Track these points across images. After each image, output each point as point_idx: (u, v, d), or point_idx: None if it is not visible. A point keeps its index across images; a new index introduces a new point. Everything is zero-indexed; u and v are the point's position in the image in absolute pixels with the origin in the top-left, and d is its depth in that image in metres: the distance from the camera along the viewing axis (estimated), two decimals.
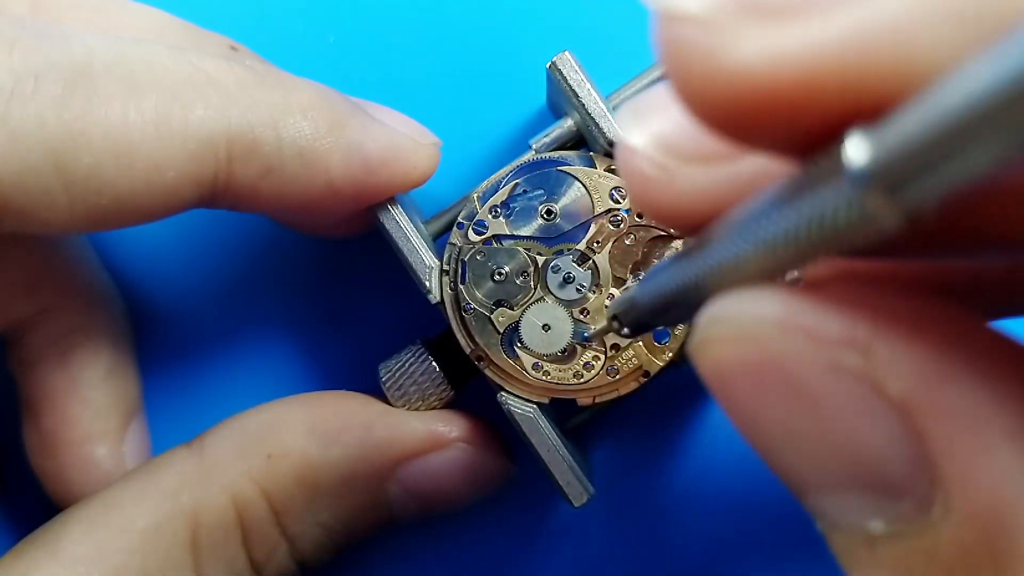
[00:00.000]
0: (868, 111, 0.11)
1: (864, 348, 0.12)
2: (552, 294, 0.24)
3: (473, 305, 0.24)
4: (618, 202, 0.24)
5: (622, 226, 0.24)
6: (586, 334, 0.24)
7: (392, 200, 0.24)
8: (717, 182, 0.15)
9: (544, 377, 0.24)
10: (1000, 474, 0.11)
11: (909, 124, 0.10)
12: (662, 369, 0.24)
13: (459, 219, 0.25)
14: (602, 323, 0.24)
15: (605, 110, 0.24)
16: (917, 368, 0.11)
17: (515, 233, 0.24)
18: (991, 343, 0.12)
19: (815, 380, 0.12)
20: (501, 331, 0.24)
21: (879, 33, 0.10)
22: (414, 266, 0.24)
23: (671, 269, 0.15)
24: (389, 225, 0.24)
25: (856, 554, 0.13)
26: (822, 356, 0.12)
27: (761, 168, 0.14)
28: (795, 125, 0.11)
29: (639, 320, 0.18)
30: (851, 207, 0.10)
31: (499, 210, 0.25)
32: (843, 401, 0.12)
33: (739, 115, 0.12)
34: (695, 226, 0.15)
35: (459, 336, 0.25)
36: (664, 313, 0.17)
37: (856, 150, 0.10)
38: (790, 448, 0.13)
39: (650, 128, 0.15)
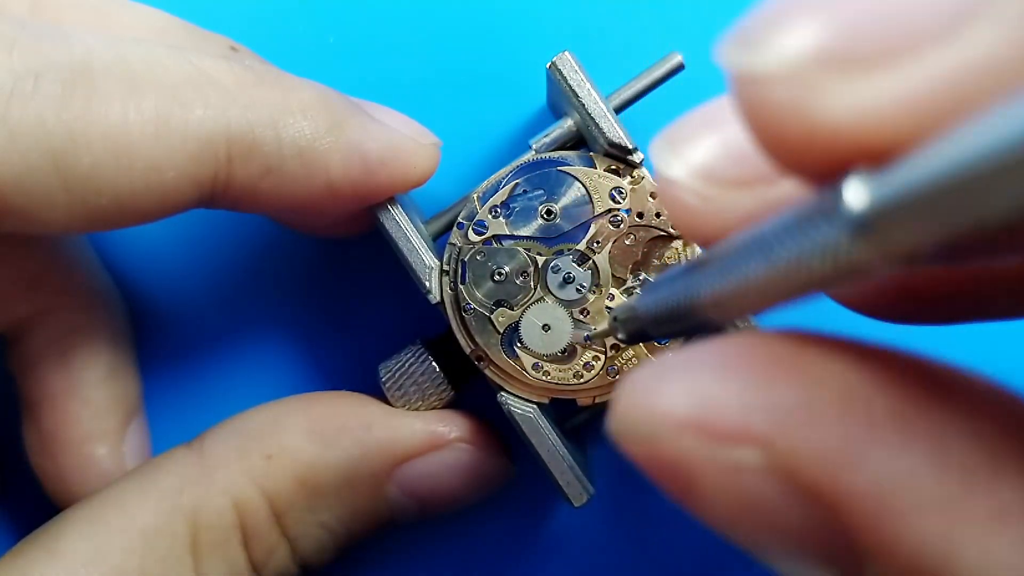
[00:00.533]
0: None
1: (763, 442, 0.11)
2: (552, 294, 0.24)
3: (473, 305, 0.24)
4: (618, 202, 0.24)
5: (622, 226, 0.24)
6: (587, 335, 0.24)
7: (392, 200, 0.24)
8: (758, 204, 0.15)
9: (544, 377, 0.24)
10: (923, 542, 0.11)
11: (910, 172, 0.09)
12: None
13: (459, 219, 0.25)
14: (603, 326, 0.24)
15: (605, 110, 0.24)
16: (821, 455, 0.11)
17: (515, 233, 0.24)
18: (913, 404, 0.12)
19: (719, 480, 0.12)
20: (501, 331, 0.24)
21: (972, 76, 0.10)
22: (414, 266, 0.24)
23: (671, 285, 0.16)
24: (389, 225, 0.24)
25: None
26: (721, 456, 0.12)
27: (796, 189, 0.14)
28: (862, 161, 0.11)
29: (639, 329, 0.18)
30: (840, 249, 0.10)
31: (499, 210, 0.25)
32: (751, 495, 0.12)
33: (823, 162, 0.11)
34: None
35: (459, 336, 0.25)
36: (661, 327, 0.17)
37: (853, 193, 0.10)
38: (723, 526, 0.13)
39: (687, 159, 0.15)
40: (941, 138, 0.09)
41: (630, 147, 0.24)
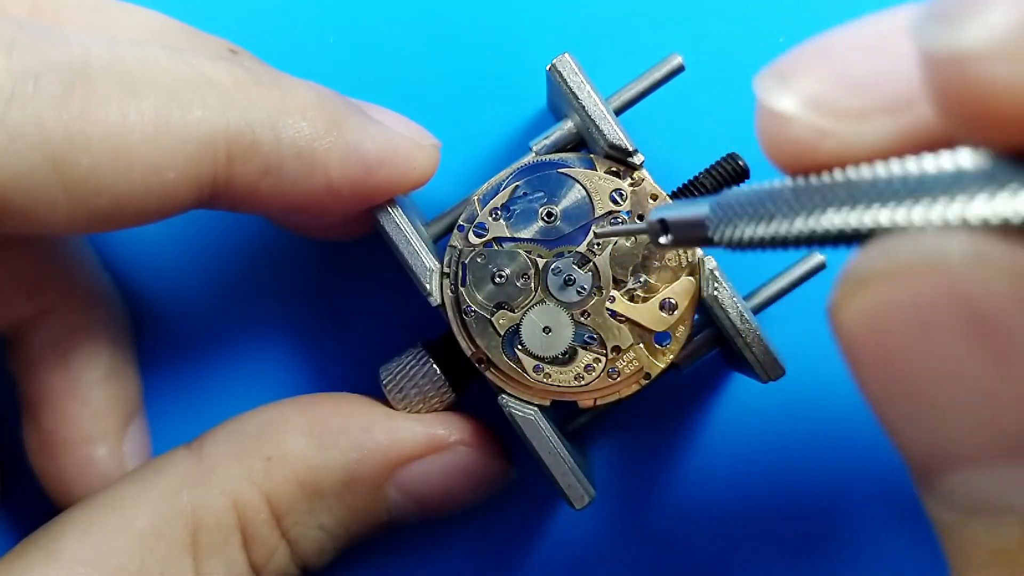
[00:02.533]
0: None
1: None
2: (553, 296, 0.24)
3: (474, 307, 0.24)
4: (618, 204, 0.24)
5: None
6: (615, 222, 0.23)
7: (392, 202, 0.24)
8: (879, 136, 0.13)
9: (545, 379, 0.24)
10: None
11: None
12: (663, 371, 0.24)
13: (459, 221, 0.25)
14: (638, 224, 0.23)
15: (605, 112, 0.24)
16: None
17: (515, 235, 0.24)
18: None
19: (1016, 324, 0.10)
20: (502, 333, 0.24)
21: None
22: (414, 268, 0.24)
23: (772, 195, 0.14)
24: (389, 227, 0.24)
25: (994, 545, 0.11)
26: None
27: (923, 120, 0.13)
28: None
29: (698, 233, 0.17)
30: None
31: (499, 212, 0.24)
32: None
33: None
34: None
35: (460, 339, 0.25)
36: (745, 229, 0.15)
37: None
38: (952, 408, 0.11)
39: (799, 90, 0.14)
40: None
41: (630, 149, 0.24)
